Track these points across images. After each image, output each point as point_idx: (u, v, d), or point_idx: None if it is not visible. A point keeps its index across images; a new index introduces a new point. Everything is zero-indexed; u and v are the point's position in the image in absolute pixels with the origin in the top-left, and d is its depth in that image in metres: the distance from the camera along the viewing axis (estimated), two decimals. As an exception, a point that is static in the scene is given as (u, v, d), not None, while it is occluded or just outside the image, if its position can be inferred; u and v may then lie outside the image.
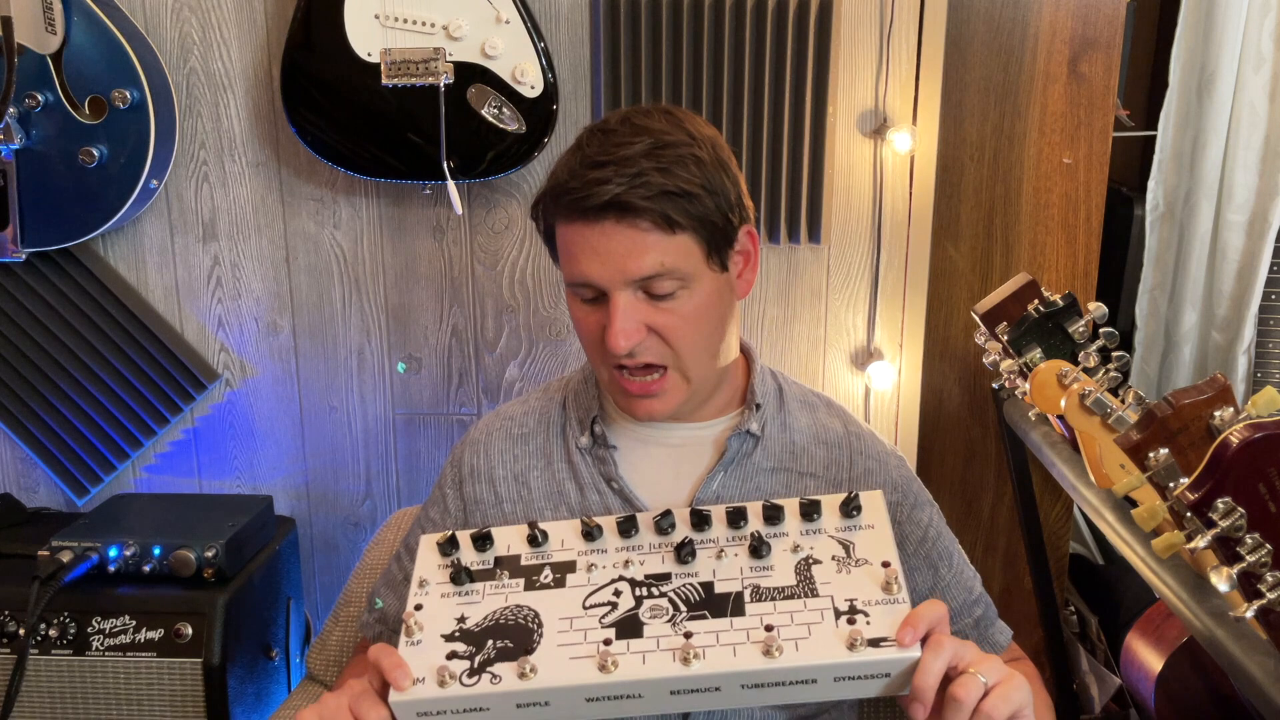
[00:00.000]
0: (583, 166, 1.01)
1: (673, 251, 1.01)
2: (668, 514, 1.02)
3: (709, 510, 1.02)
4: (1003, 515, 1.94)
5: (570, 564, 1.01)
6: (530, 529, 1.03)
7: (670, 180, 1.00)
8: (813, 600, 0.93)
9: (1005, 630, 1.21)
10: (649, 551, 1.01)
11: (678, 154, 1.02)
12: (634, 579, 0.98)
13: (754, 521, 1.02)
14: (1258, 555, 0.86)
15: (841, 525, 1.00)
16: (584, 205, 1.00)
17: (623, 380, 1.07)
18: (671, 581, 0.97)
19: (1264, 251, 1.89)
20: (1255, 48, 1.84)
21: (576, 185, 1.00)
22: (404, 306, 1.83)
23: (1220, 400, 0.92)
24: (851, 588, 0.94)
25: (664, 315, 1.03)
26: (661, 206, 0.99)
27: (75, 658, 1.56)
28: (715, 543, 1.00)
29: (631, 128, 1.03)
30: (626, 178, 0.99)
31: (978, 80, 1.76)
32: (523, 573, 1.00)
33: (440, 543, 1.04)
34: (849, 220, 1.75)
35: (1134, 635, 1.66)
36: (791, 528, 1.00)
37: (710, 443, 1.16)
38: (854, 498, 1.01)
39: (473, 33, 1.59)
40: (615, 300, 1.02)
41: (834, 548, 0.98)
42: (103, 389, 1.84)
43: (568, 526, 1.04)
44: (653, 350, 1.05)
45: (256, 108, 1.76)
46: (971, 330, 1.81)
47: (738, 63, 1.66)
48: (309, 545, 1.94)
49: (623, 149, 1.01)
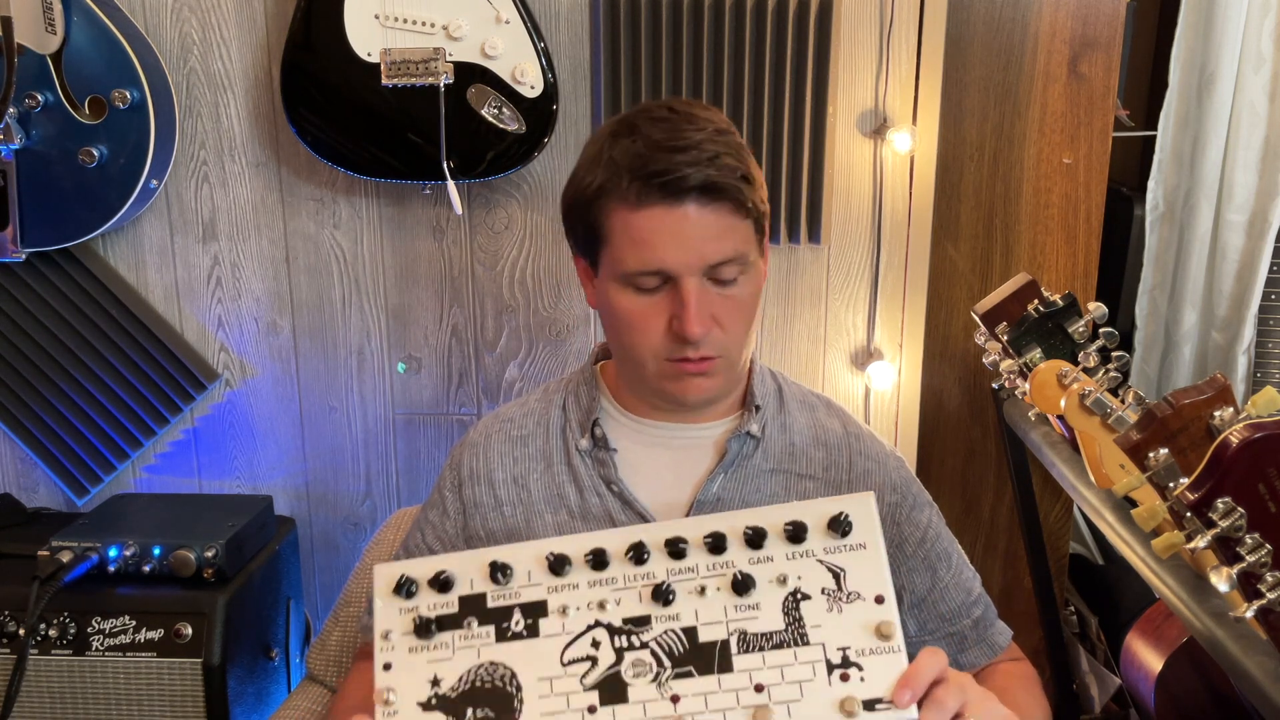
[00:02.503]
0: (660, 151, 0.99)
1: (743, 236, 1.03)
2: (640, 545, 0.94)
3: (685, 539, 0.95)
4: (1003, 515, 1.94)
5: (541, 605, 0.94)
6: (490, 565, 0.96)
7: (741, 165, 1.01)
8: (804, 650, 0.89)
9: (1005, 631, 1.21)
10: (624, 587, 0.94)
11: (735, 141, 1.03)
12: (611, 625, 0.92)
13: (735, 548, 0.94)
14: (1258, 555, 0.86)
15: (831, 547, 0.93)
16: (672, 187, 0.98)
17: (680, 365, 1.05)
18: (652, 627, 0.92)
19: (1264, 251, 1.89)
20: (1255, 48, 1.84)
21: (662, 167, 0.98)
22: (404, 306, 1.83)
23: (1220, 400, 0.92)
24: (844, 633, 0.89)
25: (725, 303, 1.04)
26: (739, 190, 1.01)
27: (75, 658, 1.56)
28: (694, 574, 0.93)
29: (683, 116, 1.03)
30: (707, 160, 0.98)
31: (978, 80, 1.76)
32: (491, 618, 0.94)
33: (395, 588, 0.96)
34: (849, 220, 1.75)
35: (1134, 635, 1.66)
36: (776, 552, 0.93)
37: (710, 444, 1.16)
38: (844, 518, 0.93)
39: (473, 33, 1.59)
40: (687, 286, 1.01)
41: (823, 578, 0.92)
42: (103, 389, 1.84)
43: (531, 556, 0.96)
44: (714, 342, 1.05)
45: (256, 108, 1.76)
46: (971, 330, 1.81)
47: (738, 63, 1.66)
48: (309, 545, 1.94)
49: (691, 134, 1.00)
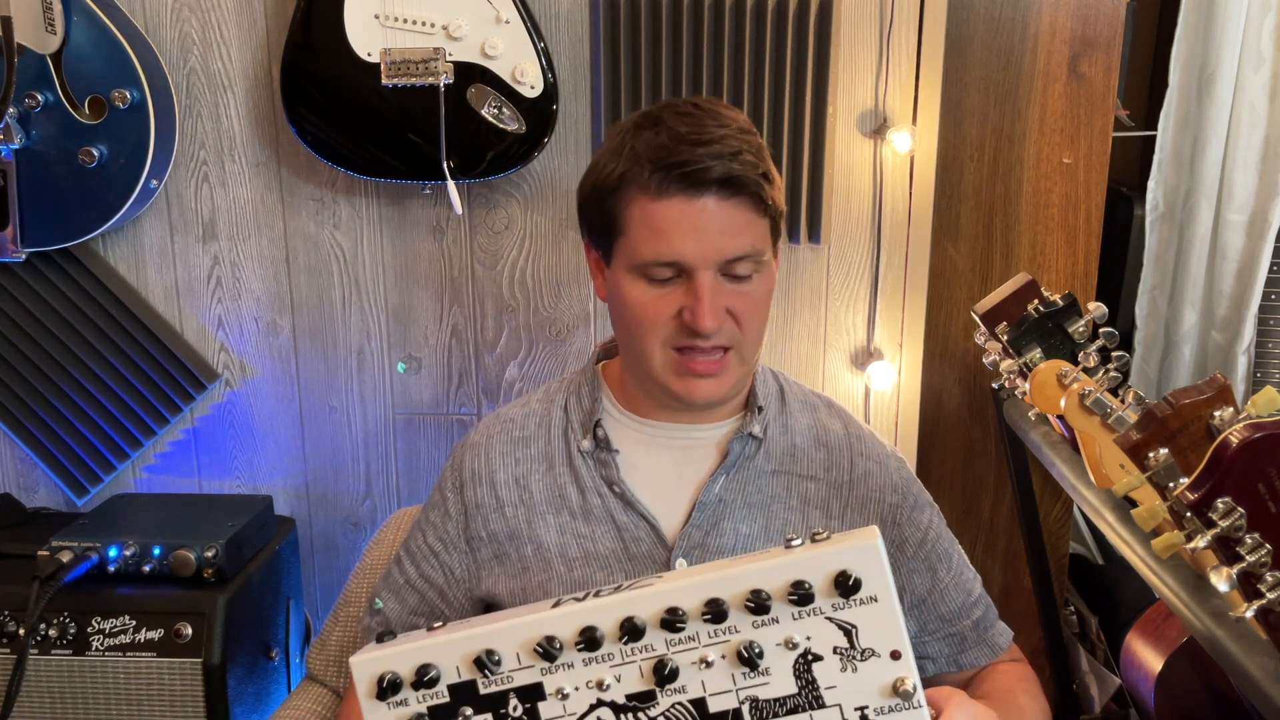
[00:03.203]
0: (684, 143, 1.00)
1: (760, 234, 1.04)
2: (631, 623, 0.87)
3: (682, 610, 0.87)
4: (1003, 515, 1.94)
5: (537, 688, 0.88)
6: (475, 661, 0.89)
7: (762, 163, 1.03)
8: (820, 714, 0.85)
9: (1005, 632, 1.21)
10: (622, 663, 0.88)
11: (757, 141, 1.05)
12: (615, 703, 0.87)
13: (736, 616, 0.87)
14: (1258, 555, 0.86)
15: (839, 603, 0.86)
16: (695, 179, 1.00)
17: (688, 362, 1.06)
18: (659, 702, 0.87)
19: (1264, 251, 1.89)
20: (1255, 48, 1.84)
21: (686, 159, 1.00)
22: (404, 306, 1.83)
23: (1220, 400, 0.92)
24: (860, 692, 0.85)
25: (740, 299, 1.05)
26: (759, 187, 1.02)
27: (75, 658, 1.56)
28: (696, 643, 0.87)
29: (708, 113, 1.04)
30: (730, 155, 1.00)
31: (978, 80, 1.76)
32: (487, 705, 0.89)
33: (379, 692, 0.90)
34: (849, 220, 1.75)
35: (1134, 635, 1.66)
36: (782, 614, 0.86)
37: (713, 445, 1.16)
38: (851, 581, 0.85)
39: (473, 33, 1.59)
40: (701, 279, 1.02)
41: (834, 636, 0.86)
42: (103, 389, 1.84)
43: (518, 640, 0.89)
44: (727, 333, 1.05)
45: (256, 108, 1.76)
46: (971, 330, 1.81)
47: (738, 63, 1.66)
48: (309, 545, 1.94)
49: (715, 130, 1.02)
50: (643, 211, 1.03)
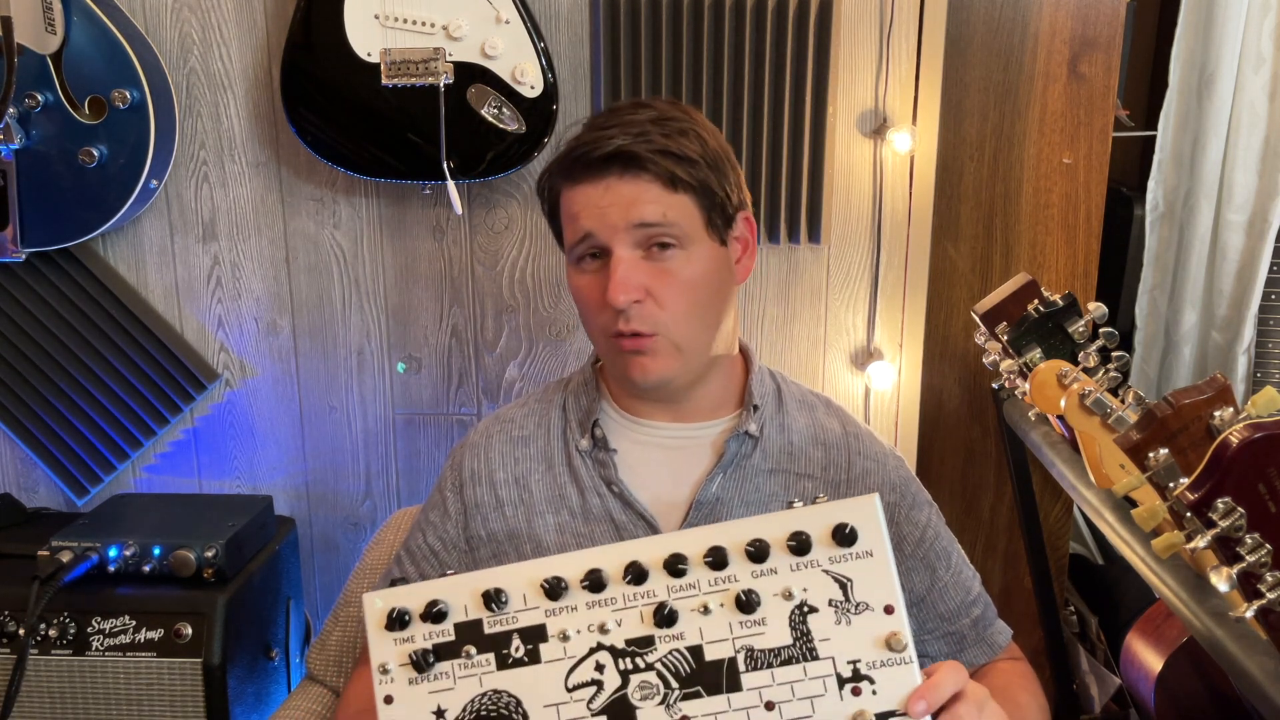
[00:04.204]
0: (590, 130, 1.08)
1: (674, 207, 1.06)
2: (637, 565, 0.91)
3: (685, 556, 0.91)
4: (1003, 515, 1.94)
5: (540, 630, 0.91)
6: (484, 595, 0.92)
7: (673, 143, 1.06)
8: (813, 665, 0.88)
9: (1005, 630, 1.21)
10: (624, 607, 0.91)
11: (680, 126, 1.08)
12: (614, 647, 0.90)
13: (736, 563, 0.90)
14: (1258, 555, 0.86)
15: (836, 556, 0.89)
16: (590, 158, 1.05)
17: (619, 342, 1.08)
18: (656, 648, 0.90)
19: (1264, 251, 1.89)
20: (1255, 48, 1.84)
21: (584, 142, 1.06)
22: (404, 306, 1.83)
23: (1220, 400, 0.92)
24: (853, 645, 0.88)
25: (661, 276, 1.06)
26: (664, 162, 1.05)
27: (75, 658, 1.56)
28: (696, 591, 0.90)
29: (637, 106, 1.10)
30: (630, 135, 1.05)
31: (978, 80, 1.76)
32: (490, 644, 0.92)
33: (388, 623, 0.93)
34: (849, 220, 1.75)
35: (1134, 635, 1.66)
36: (780, 564, 0.90)
37: (709, 444, 1.16)
38: (848, 530, 0.89)
39: (473, 33, 1.59)
40: (616, 254, 1.05)
41: (830, 588, 0.89)
42: (103, 389, 1.84)
43: (525, 580, 0.92)
44: (645, 317, 1.06)
45: (256, 108, 1.76)
46: (971, 330, 1.81)
47: (738, 63, 1.66)
48: (309, 545, 1.94)
49: (628, 115, 1.07)
50: (565, 201, 1.10)
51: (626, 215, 1.04)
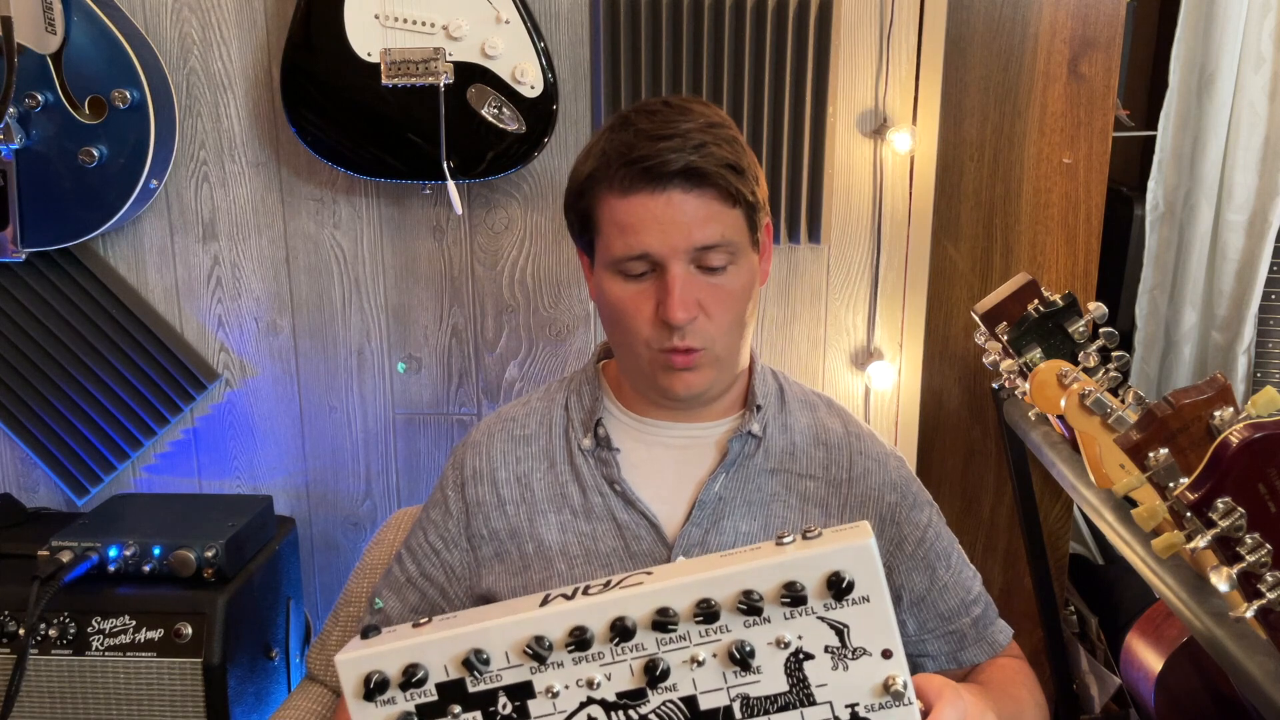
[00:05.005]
0: (645, 139, 1.02)
1: (731, 224, 1.04)
2: (622, 623, 0.86)
3: (673, 611, 0.86)
4: (1003, 515, 1.94)
5: (526, 687, 0.88)
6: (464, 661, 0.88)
7: (730, 154, 1.04)
8: (810, 710, 0.85)
9: (1005, 630, 1.21)
10: (612, 662, 0.87)
11: (729, 133, 1.06)
12: (605, 700, 0.87)
13: (727, 615, 0.86)
14: (1258, 555, 0.86)
15: (831, 603, 0.85)
16: (655, 173, 1.01)
17: (667, 356, 1.06)
18: (649, 700, 0.87)
19: (1264, 251, 1.89)
20: (1255, 48, 1.84)
21: (646, 154, 1.01)
22: (404, 306, 1.83)
23: (1220, 400, 0.92)
24: (851, 690, 0.85)
25: (712, 291, 1.05)
26: (726, 177, 1.03)
27: (75, 658, 1.56)
28: (687, 643, 0.87)
29: (676, 109, 1.06)
30: (693, 148, 1.01)
31: (978, 80, 1.76)
32: (476, 703, 0.88)
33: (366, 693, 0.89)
34: (849, 220, 1.75)
35: (1134, 635, 1.66)
36: (774, 614, 0.86)
37: (712, 444, 1.16)
38: (845, 582, 0.84)
39: (473, 33, 1.59)
40: (673, 271, 1.03)
41: (826, 635, 0.86)
42: (103, 389, 1.84)
43: (507, 641, 0.88)
44: (698, 333, 1.05)
45: (256, 108, 1.76)
46: (971, 330, 1.81)
47: (738, 63, 1.66)
48: (309, 545, 1.94)
49: (680, 124, 1.03)
50: (611, 209, 1.05)
51: (689, 236, 1.02)
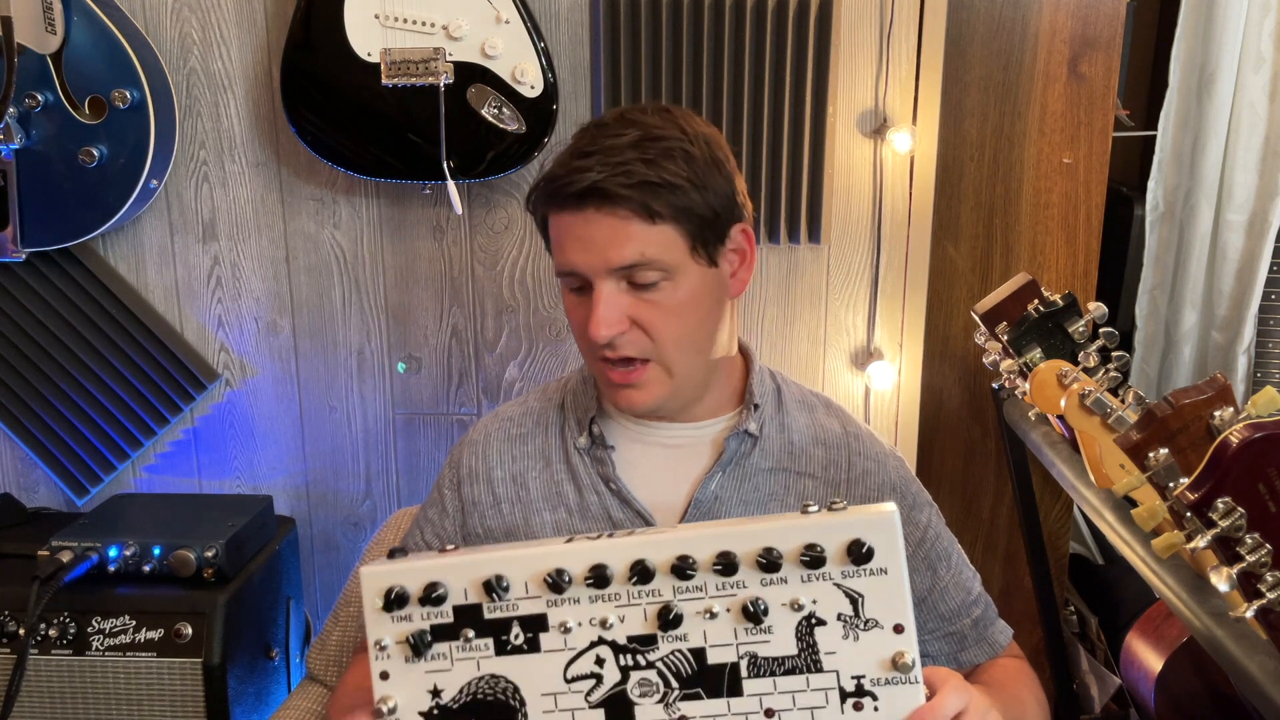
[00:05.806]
0: (570, 157, 1.04)
1: (654, 242, 1.02)
2: (642, 565, 0.88)
3: (693, 559, 0.88)
4: (1003, 515, 1.94)
5: (540, 619, 0.90)
6: (484, 584, 0.90)
7: (654, 171, 1.01)
8: (816, 677, 0.86)
9: (1006, 630, 1.21)
10: (627, 604, 0.89)
11: (665, 147, 1.03)
12: (615, 642, 0.89)
13: (746, 570, 0.88)
14: (1258, 555, 0.86)
15: (849, 571, 0.87)
16: (566, 192, 1.02)
17: (607, 370, 1.08)
18: (658, 647, 0.89)
19: (1264, 251, 1.89)
20: (1255, 48, 1.84)
21: (561, 174, 1.03)
22: (404, 306, 1.83)
23: (1220, 400, 0.92)
24: (859, 660, 0.86)
25: (647, 307, 1.04)
26: (641, 195, 1.01)
27: (75, 658, 1.56)
28: (703, 594, 0.88)
29: (624, 122, 1.06)
30: (609, 167, 1.01)
31: (978, 80, 1.76)
32: (489, 630, 0.90)
33: (386, 604, 0.91)
34: (849, 220, 1.75)
35: (1134, 635, 1.66)
36: (791, 574, 0.87)
37: (708, 443, 1.16)
38: (865, 548, 0.86)
39: (473, 33, 1.59)
40: (598, 289, 1.04)
41: (840, 603, 0.87)
42: (103, 389, 1.84)
43: (529, 570, 0.90)
44: (634, 343, 1.05)
45: (256, 108, 1.76)
46: (971, 330, 1.81)
47: (738, 63, 1.66)
48: (309, 545, 1.94)
49: (610, 140, 1.03)
50: (551, 224, 1.08)
51: (605, 257, 1.02)
